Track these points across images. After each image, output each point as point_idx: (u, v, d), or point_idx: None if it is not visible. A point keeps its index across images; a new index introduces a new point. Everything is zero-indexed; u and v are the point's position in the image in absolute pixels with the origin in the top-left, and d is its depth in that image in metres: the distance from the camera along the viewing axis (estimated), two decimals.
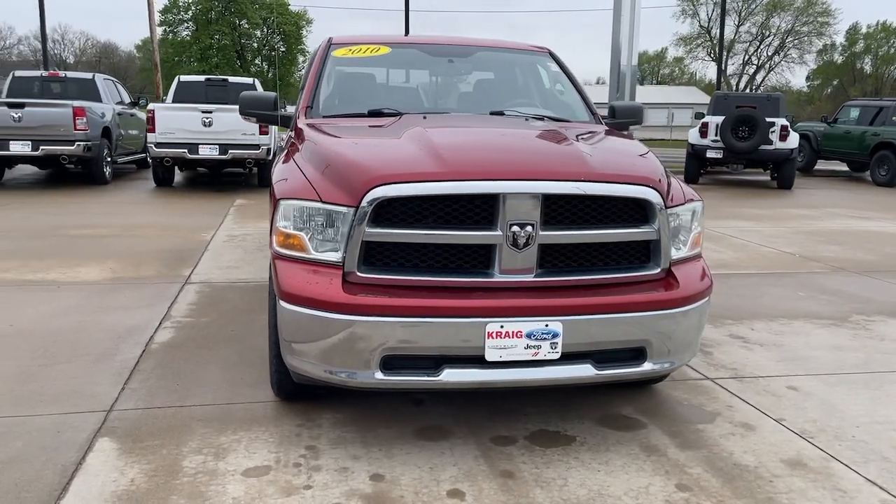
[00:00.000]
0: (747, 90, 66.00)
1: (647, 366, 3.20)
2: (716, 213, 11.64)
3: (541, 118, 4.20)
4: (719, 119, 15.73)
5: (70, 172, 14.04)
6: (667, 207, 3.20)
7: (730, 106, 16.18)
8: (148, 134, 12.36)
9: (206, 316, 5.21)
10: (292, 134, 3.94)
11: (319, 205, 3.06)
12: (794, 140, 15.64)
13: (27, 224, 8.99)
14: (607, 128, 4.32)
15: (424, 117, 3.90)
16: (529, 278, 3.08)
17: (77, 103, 12.28)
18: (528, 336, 2.99)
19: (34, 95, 13.59)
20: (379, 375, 3.00)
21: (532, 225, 3.01)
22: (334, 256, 3.05)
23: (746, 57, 72.73)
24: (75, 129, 12.06)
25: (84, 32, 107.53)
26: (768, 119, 15.38)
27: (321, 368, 3.05)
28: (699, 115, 16.98)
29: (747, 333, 5.11)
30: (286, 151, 3.81)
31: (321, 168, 3.24)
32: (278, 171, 3.51)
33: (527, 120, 4.01)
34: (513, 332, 2.98)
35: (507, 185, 2.98)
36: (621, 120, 4.70)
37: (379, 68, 4.65)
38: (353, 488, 2.91)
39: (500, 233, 3.00)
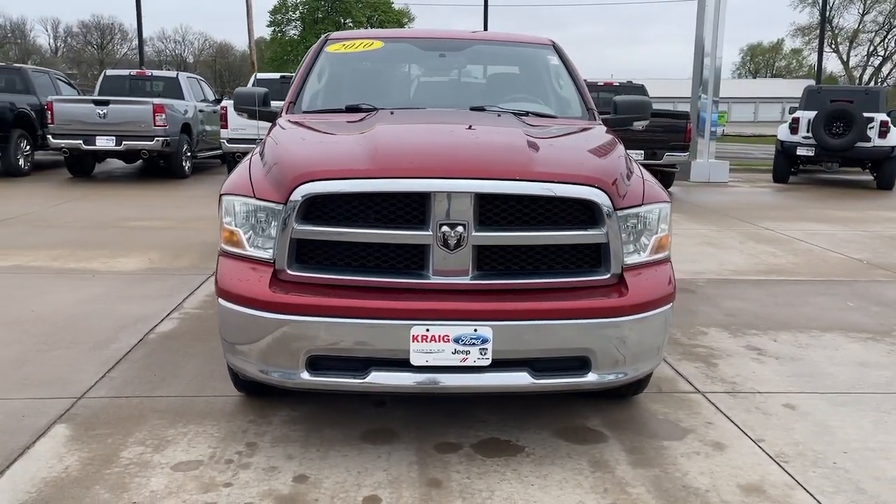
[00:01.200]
0: (871, 83, 61.97)
1: (591, 377, 3.01)
2: (794, 214, 10.98)
3: (524, 114, 4.03)
4: (811, 114, 14.82)
5: (155, 167, 14.71)
6: (618, 209, 3.00)
7: (823, 100, 15.21)
8: (221, 130, 12.79)
9: (216, 308, 5.31)
10: (268, 130, 3.95)
11: (253, 201, 3.04)
12: (894, 137, 14.54)
13: (93, 215, 9.47)
14: (599, 124, 4.11)
15: (392, 113, 3.82)
16: (464, 281, 2.95)
17: (157, 101, 12.86)
18: (456, 341, 2.87)
19: (124, 93, 14.33)
20: (305, 376, 2.95)
21: (463, 225, 2.88)
22: (266, 254, 3.02)
23: (871, 48, 68.40)
24: (155, 125, 12.63)
25: (203, 33, 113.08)
26: (866, 114, 14.36)
27: (256, 368, 3.03)
28: (793, 110, 16.05)
29: (767, 345, 4.76)
30: (256, 148, 3.82)
31: (268, 165, 3.22)
32: (237, 167, 3.52)
33: (499, 116, 3.85)
34: (439, 336, 2.86)
35: (437, 184, 2.87)
36: (624, 116, 4.45)
37: (369, 63, 4.60)
38: (272, 488, 2.88)
39: (431, 233, 2.89)
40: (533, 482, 2.97)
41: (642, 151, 12.57)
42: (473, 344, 2.88)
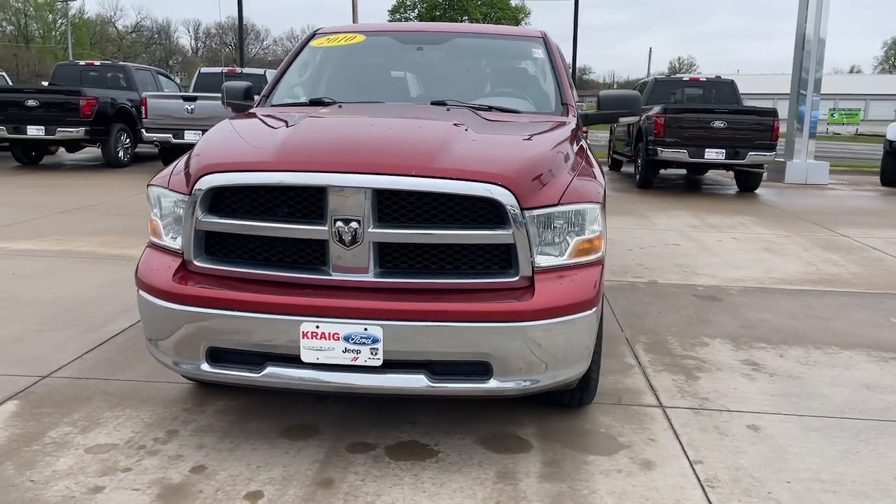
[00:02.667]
0: None
1: (492, 383, 2.87)
2: (884, 221, 10.14)
3: (486, 109, 3.89)
4: None
5: None
6: (527, 209, 2.84)
7: None
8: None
9: None
10: None
11: (168, 192, 3.09)
12: None
13: None
14: (568, 120, 3.91)
15: (340, 107, 3.78)
16: (363, 278, 2.88)
17: None
18: (346, 339, 2.81)
19: (214, 90, 14.97)
20: (205, 367, 2.97)
21: (358, 221, 2.81)
22: (177, 244, 3.06)
23: None
24: None
25: None
26: None
27: (169, 359, 3.07)
28: None
29: (768, 361, 4.40)
30: None
31: (189, 157, 3.26)
32: None
33: (448, 110, 3.72)
34: (329, 333, 2.81)
35: (331, 178, 2.81)
36: (609, 111, 4.22)
37: (347, 57, 4.56)
38: (165, 477, 2.92)
39: (327, 228, 2.84)
40: (426, 489, 2.86)
41: (723, 150, 11.96)
42: (364, 343, 2.80)
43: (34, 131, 13.39)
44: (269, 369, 2.90)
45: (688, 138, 12.07)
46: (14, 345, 4.36)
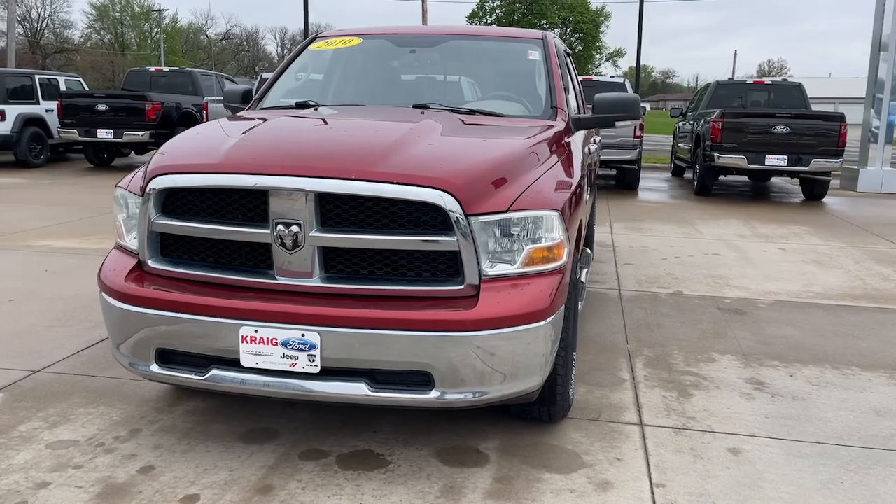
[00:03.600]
0: None
1: (434, 394, 2.78)
2: None
3: (468, 112, 3.80)
4: None
5: None
6: (472, 214, 2.74)
7: None
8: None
9: None
10: None
11: (127, 193, 3.13)
12: None
13: None
14: (553, 124, 3.77)
15: (316, 109, 3.75)
16: (308, 283, 2.84)
17: None
18: (284, 345, 2.77)
19: None
20: (155, 368, 2.98)
21: (299, 224, 2.77)
22: (134, 245, 3.09)
23: None
24: None
25: None
26: None
27: (126, 360, 3.09)
28: None
29: (776, 380, 4.14)
30: None
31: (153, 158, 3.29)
32: None
33: (422, 113, 3.64)
34: (268, 338, 2.78)
35: (272, 181, 2.78)
36: (604, 115, 4.05)
37: (341, 60, 4.53)
38: (111, 476, 2.94)
39: (269, 231, 2.81)
40: (364, 501, 2.79)
41: (785, 156, 11.44)
42: (301, 349, 2.76)
43: (103, 134, 13.97)
44: (213, 372, 2.89)
45: (747, 144, 11.59)
46: (20, 338, 4.51)
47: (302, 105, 4.01)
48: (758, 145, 11.55)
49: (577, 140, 4.11)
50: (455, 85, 4.39)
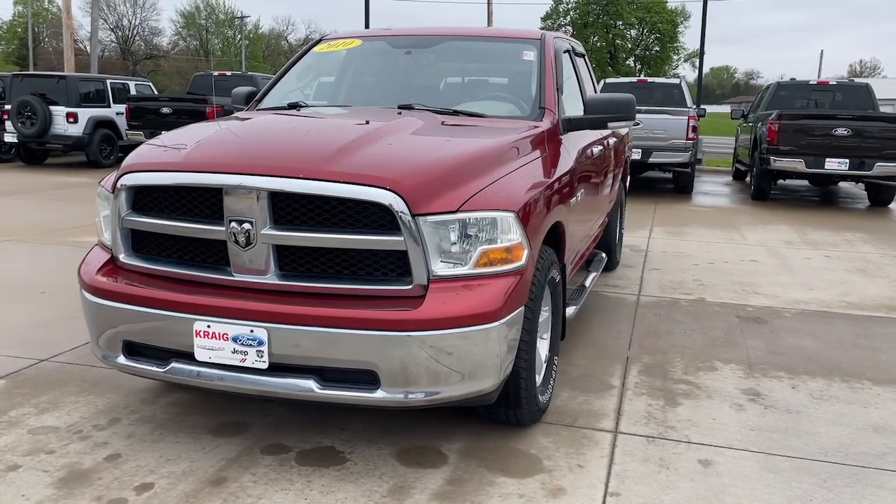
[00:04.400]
0: None
1: (380, 394, 2.79)
2: None
3: (451, 113, 3.79)
4: None
5: None
6: (420, 214, 2.74)
7: None
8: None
9: None
10: None
11: (103, 190, 3.25)
12: None
13: None
14: (535, 126, 3.72)
15: (299, 109, 3.81)
16: (262, 280, 2.90)
17: None
18: (234, 340, 2.83)
19: None
20: (122, 360, 3.09)
21: (251, 222, 2.83)
22: (109, 241, 3.21)
23: None
24: None
25: None
26: None
27: (100, 353, 3.21)
28: None
29: (776, 391, 3.97)
30: None
31: None
32: None
33: (399, 114, 3.65)
34: (219, 333, 2.84)
35: (225, 179, 2.85)
36: (595, 116, 3.97)
37: (339, 62, 4.58)
38: (79, 462, 3.05)
39: (224, 229, 2.88)
40: (310, 497, 2.82)
41: (846, 160, 10.95)
42: (250, 345, 2.81)
43: None
44: (173, 365, 2.98)
45: (805, 147, 11.14)
46: (39, 328, 4.73)
47: (293, 106, 4.08)
48: (817, 148, 11.09)
49: (570, 140, 4.05)
50: (446, 86, 4.39)
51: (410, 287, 2.79)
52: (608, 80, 14.35)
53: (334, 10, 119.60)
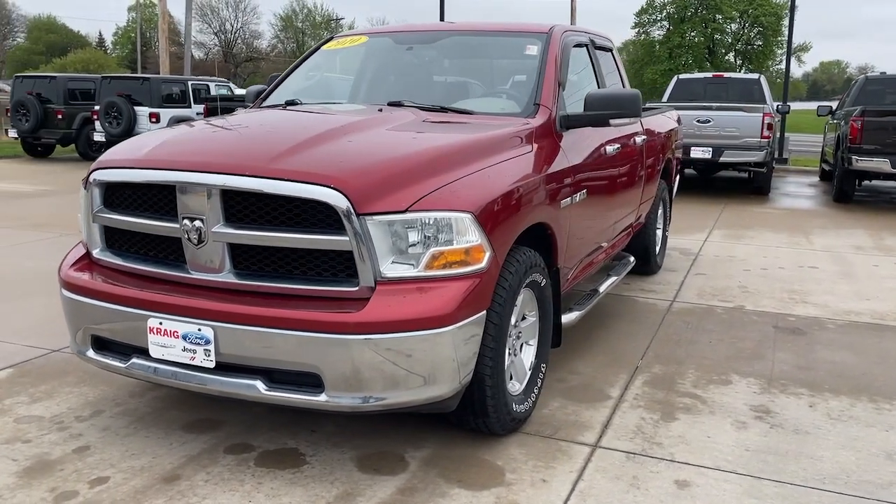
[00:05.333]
0: None
1: (324, 397, 2.72)
2: None
3: (440, 110, 3.68)
4: None
5: None
6: (365, 214, 2.65)
7: None
8: None
9: None
10: None
11: (82, 188, 3.31)
12: None
13: None
14: (523, 122, 3.57)
15: (284, 108, 3.78)
16: (216, 278, 2.88)
17: None
18: (184, 338, 2.82)
19: None
20: (91, 354, 3.14)
21: (202, 220, 2.81)
22: (86, 238, 3.27)
23: None
24: None
25: None
26: None
27: (76, 347, 3.26)
28: None
29: (789, 409, 3.68)
30: None
31: None
32: None
33: (380, 111, 3.55)
34: (170, 331, 2.84)
35: (177, 176, 2.86)
36: (595, 112, 3.76)
37: (343, 60, 4.53)
38: (48, 452, 3.12)
39: (178, 226, 2.88)
40: (255, 500, 2.78)
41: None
42: (198, 343, 2.80)
43: None
44: (133, 361, 3.00)
45: (891, 145, 10.39)
46: (53, 323, 4.88)
47: (291, 103, 4.07)
48: None
49: (571, 138, 3.85)
50: (445, 82, 4.27)
51: (357, 289, 2.71)
52: (680, 76, 13.82)
53: (427, 11, 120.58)
